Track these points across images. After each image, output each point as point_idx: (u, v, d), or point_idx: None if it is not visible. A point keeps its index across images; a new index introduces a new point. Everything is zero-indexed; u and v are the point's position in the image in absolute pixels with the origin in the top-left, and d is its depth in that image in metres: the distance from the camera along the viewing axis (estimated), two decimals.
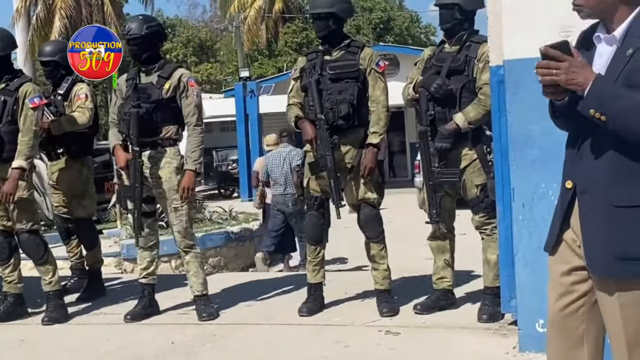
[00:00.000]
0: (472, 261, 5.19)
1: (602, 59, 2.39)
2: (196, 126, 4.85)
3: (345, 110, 4.62)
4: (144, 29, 4.87)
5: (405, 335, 4.29)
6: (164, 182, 4.86)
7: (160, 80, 4.87)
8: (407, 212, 9.60)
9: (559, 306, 2.48)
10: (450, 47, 4.59)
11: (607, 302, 2.36)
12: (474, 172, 4.48)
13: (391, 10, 37.99)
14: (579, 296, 2.45)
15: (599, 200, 2.33)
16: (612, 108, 2.23)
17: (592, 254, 2.36)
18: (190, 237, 4.94)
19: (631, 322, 2.33)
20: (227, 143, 21.24)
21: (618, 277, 2.32)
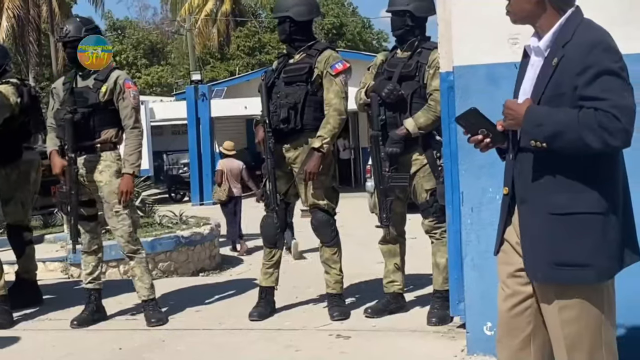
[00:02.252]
0: (422, 265, 5.23)
1: (532, 70, 2.44)
2: (133, 128, 4.80)
3: (285, 114, 4.62)
4: (82, 32, 4.82)
5: (355, 338, 4.30)
6: (103, 186, 4.79)
7: (97, 84, 4.81)
8: (358, 216, 9.68)
9: (506, 307, 2.53)
10: (402, 53, 4.63)
11: (547, 306, 2.42)
12: (424, 176, 4.52)
13: (344, 16, 38.16)
14: (525, 297, 2.50)
15: (535, 208, 2.39)
16: (547, 134, 2.29)
17: (530, 261, 2.41)
18: (134, 242, 4.87)
19: (569, 325, 2.38)
20: (178, 146, 21.07)
21: (556, 282, 2.37)
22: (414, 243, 4.91)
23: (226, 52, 35.15)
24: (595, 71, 2.27)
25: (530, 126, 2.33)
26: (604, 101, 2.25)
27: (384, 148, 4.48)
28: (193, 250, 8.84)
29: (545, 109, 2.33)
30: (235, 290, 5.75)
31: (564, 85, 2.32)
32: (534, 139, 2.32)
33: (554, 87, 2.33)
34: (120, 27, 38.35)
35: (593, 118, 2.24)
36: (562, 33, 2.37)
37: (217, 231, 9.57)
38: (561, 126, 2.27)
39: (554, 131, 2.28)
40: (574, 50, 2.31)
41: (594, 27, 2.38)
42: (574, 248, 2.33)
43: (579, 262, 2.33)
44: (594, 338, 2.40)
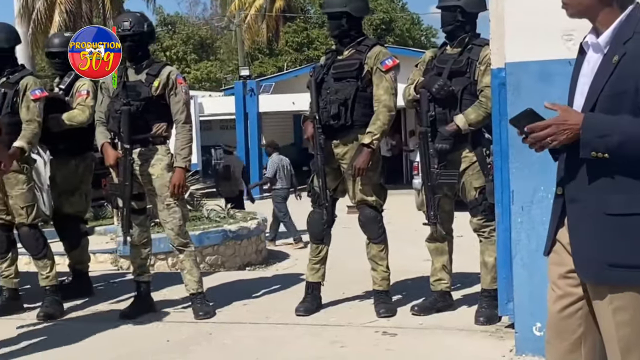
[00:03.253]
0: (469, 263, 5.18)
1: (589, 66, 2.37)
2: (185, 123, 4.85)
3: (335, 110, 4.61)
4: (146, 26, 4.87)
5: (402, 336, 4.28)
6: (155, 179, 4.84)
7: (149, 78, 4.85)
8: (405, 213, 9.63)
9: (556, 308, 2.48)
10: (452, 49, 4.58)
11: (600, 307, 2.36)
12: (473, 174, 4.47)
13: (393, 12, 37.99)
14: (576, 299, 2.45)
15: (589, 208, 2.33)
16: (610, 145, 2.23)
17: (582, 261, 2.36)
18: (183, 235, 4.92)
19: (624, 327, 2.33)
20: (226, 141, 21.21)
21: (610, 283, 2.32)
22: (460, 241, 4.86)
23: (275, 47, 35.31)
24: None
25: (591, 137, 2.25)
26: None
27: (433, 145, 4.44)
28: (240, 245, 8.92)
29: (605, 118, 2.26)
30: (281, 285, 5.77)
31: (625, 83, 2.25)
32: (595, 151, 2.26)
33: (613, 85, 2.27)
34: (170, 23, 38.77)
35: None
36: (623, 29, 2.30)
37: (264, 226, 9.64)
38: (626, 136, 2.22)
39: (618, 142, 2.22)
40: (638, 48, 2.25)
41: None
42: (629, 249, 2.28)
43: (634, 263, 2.28)
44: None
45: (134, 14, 5.09)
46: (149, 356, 4.21)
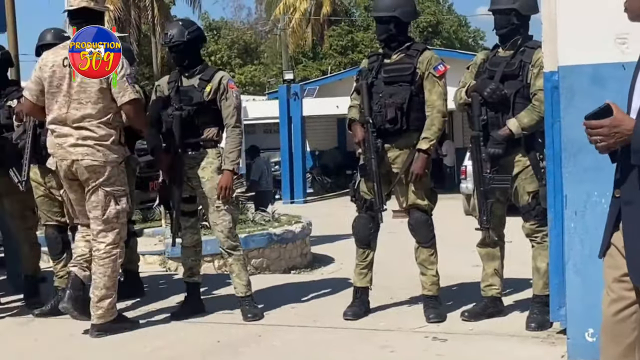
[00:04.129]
0: (519, 269, 5.13)
1: None
2: (235, 127, 4.90)
3: (392, 114, 4.61)
4: (185, 35, 4.91)
5: (452, 341, 4.25)
6: (206, 182, 4.90)
7: (202, 83, 4.92)
8: (453, 218, 9.57)
9: (611, 312, 2.47)
10: (504, 52, 4.55)
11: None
12: (526, 178, 4.43)
13: (440, 14, 37.79)
14: (630, 303, 2.44)
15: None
16: None
17: (635, 264, 2.34)
18: (233, 238, 4.96)
19: None
20: (270, 145, 21.37)
21: None
22: (510, 246, 4.81)
23: (319, 51, 35.40)
24: None
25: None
26: None
27: (485, 149, 4.41)
28: (285, 248, 8.96)
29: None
30: (328, 288, 5.78)
31: None
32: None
33: None
34: (215, 28, 39.14)
35: None
36: None
37: (309, 229, 9.66)
38: None
39: None
40: None
41: None
42: None
43: None
44: None
45: (176, 24, 5.14)
46: (199, 356, 4.26)
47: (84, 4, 4.68)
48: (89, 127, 4.57)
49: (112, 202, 4.64)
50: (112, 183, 4.63)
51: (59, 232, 5.24)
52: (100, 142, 4.57)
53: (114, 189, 4.65)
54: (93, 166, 4.56)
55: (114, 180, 4.64)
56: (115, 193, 4.65)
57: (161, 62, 21.81)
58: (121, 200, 4.67)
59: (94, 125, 4.57)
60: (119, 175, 4.68)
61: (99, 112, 4.58)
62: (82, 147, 4.56)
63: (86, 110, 4.56)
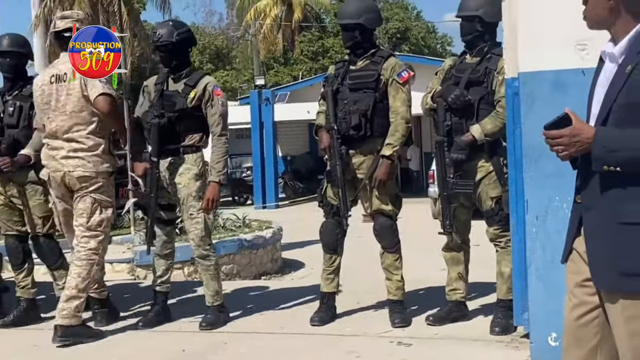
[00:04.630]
0: (485, 273, 5.17)
1: (606, 75, 2.39)
2: (221, 136, 4.84)
3: (356, 121, 4.63)
4: (174, 35, 4.87)
5: (417, 346, 4.27)
6: (182, 188, 4.84)
7: (186, 89, 4.86)
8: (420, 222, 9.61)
9: (573, 317, 2.48)
10: (471, 58, 4.59)
11: (614, 316, 2.37)
12: (489, 184, 4.47)
13: (408, 20, 38.01)
14: (592, 308, 2.45)
15: (603, 216, 2.34)
16: (621, 160, 2.25)
17: (597, 269, 2.37)
18: (205, 247, 4.91)
19: (636, 336, 2.33)
20: (241, 150, 21.33)
21: (623, 292, 2.32)
22: (477, 250, 4.85)
23: (290, 56, 35.41)
24: None
25: (601, 152, 2.26)
26: None
27: (449, 154, 4.44)
28: (255, 254, 8.93)
29: (615, 133, 2.28)
30: (297, 294, 5.78)
31: (637, 94, 2.26)
32: (607, 165, 2.27)
33: (626, 95, 2.28)
34: None
35: None
36: (638, 40, 2.32)
37: (280, 234, 9.64)
38: (636, 152, 2.24)
39: (629, 157, 2.24)
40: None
41: None
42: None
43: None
44: None
45: (167, 24, 5.07)
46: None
47: (69, 25, 4.80)
48: (77, 138, 4.69)
49: (97, 210, 4.72)
50: (102, 192, 4.73)
51: (20, 242, 5.18)
52: (90, 153, 4.69)
53: (102, 198, 4.73)
54: (84, 177, 4.67)
55: (103, 190, 4.74)
56: (102, 202, 4.73)
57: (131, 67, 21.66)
58: (107, 210, 4.76)
59: (82, 136, 4.69)
60: (108, 186, 4.79)
61: (85, 120, 4.69)
62: (74, 159, 4.69)
63: (72, 120, 4.69)
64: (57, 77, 4.75)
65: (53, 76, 4.77)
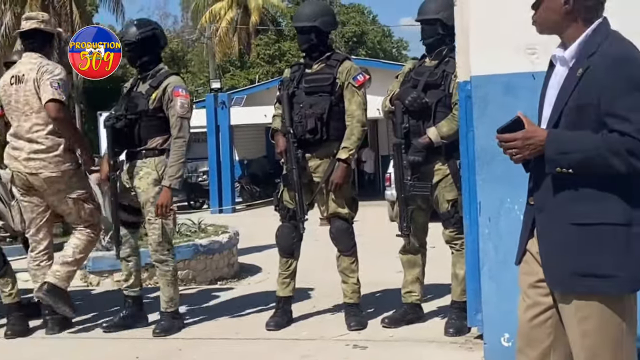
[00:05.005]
0: (440, 275, 5.20)
1: (557, 79, 2.43)
2: (177, 138, 4.72)
3: (312, 124, 4.62)
4: (137, 35, 4.82)
5: (372, 349, 4.28)
6: (141, 193, 4.78)
7: (150, 90, 4.80)
8: (377, 225, 9.65)
9: (527, 318, 2.51)
10: (430, 61, 4.62)
11: (567, 316, 2.40)
12: (445, 187, 4.49)
13: (364, 24, 38.19)
14: (545, 308, 2.48)
15: (555, 217, 2.37)
16: (573, 162, 2.29)
17: (550, 270, 2.40)
18: (162, 252, 4.83)
19: (589, 337, 2.36)
20: (197, 154, 21.14)
21: (575, 292, 2.35)
22: (433, 252, 4.88)
23: (246, 60, 35.29)
24: (623, 87, 2.27)
25: (554, 154, 2.30)
26: (630, 124, 2.25)
27: (407, 156, 4.46)
28: (211, 259, 8.83)
29: (567, 135, 2.32)
30: (252, 299, 5.75)
31: (588, 97, 2.30)
32: (560, 167, 2.30)
33: (577, 98, 2.32)
34: None
35: (620, 144, 2.25)
36: (588, 44, 2.36)
37: (236, 239, 9.57)
38: (588, 153, 2.28)
39: (581, 158, 2.28)
40: (601, 63, 2.30)
41: (622, 40, 2.37)
42: (595, 259, 2.31)
43: (600, 272, 2.32)
44: (615, 351, 2.37)
45: (131, 23, 5.03)
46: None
47: (34, 26, 4.92)
48: (37, 139, 4.77)
49: (82, 205, 4.92)
50: (75, 189, 4.87)
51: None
52: (51, 154, 4.77)
53: (79, 194, 4.89)
54: (51, 177, 4.76)
55: (76, 186, 4.87)
56: (81, 197, 4.89)
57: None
58: (89, 201, 4.94)
59: (42, 136, 4.76)
60: (78, 180, 4.88)
61: (44, 121, 4.76)
62: (35, 160, 4.76)
63: (32, 121, 4.77)
64: (17, 79, 4.81)
65: (13, 77, 4.84)
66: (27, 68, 4.76)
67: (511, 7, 3.58)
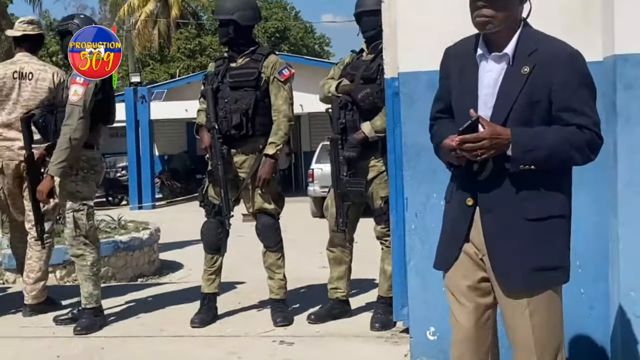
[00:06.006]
0: (364, 269, 5.24)
1: (492, 76, 2.43)
2: (64, 126, 4.59)
3: (237, 120, 4.58)
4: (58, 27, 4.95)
5: (299, 344, 4.27)
6: (58, 185, 4.70)
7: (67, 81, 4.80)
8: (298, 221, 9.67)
9: (471, 323, 2.49)
10: (367, 55, 4.61)
11: (516, 311, 2.41)
12: (380, 183, 4.51)
13: (287, 20, 38.16)
14: (485, 309, 2.50)
15: (509, 216, 2.38)
16: (537, 159, 2.32)
17: (505, 269, 2.39)
18: (77, 246, 4.72)
19: (540, 329, 2.40)
20: (115, 149, 20.72)
21: (537, 288, 2.38)
22: (356, 247, 4.90)
23: (166, 54, 34.75)
24: (577, 82, 2.35)
25: (520, 152, 2.32)
26: (587, 118, 2.34)
27: (342, 152, 4.45)
28: (132, 255, 8.68)
29: (529, 132, 2.34)
30: (176, 296, 5.66)
31: (539, 93, 2.34)
32: (523, 164, 2.33)
33: (529, 94, 2.35)
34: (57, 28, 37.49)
35: (582, 138, 2.33)
36: (524, 42, 2.39)
37: (157, 236, 9.43)
38: (552, 150, 2.32)
39: (545, 155, 2.32)
40: (552, 59, 2.35)
41: (553, 37, 2.43)
42: (549, 251, 2.38)
43: (553, 264, 2.39)
44: (559, 339, 2.45)
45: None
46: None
47: (20, 32, 5.25)
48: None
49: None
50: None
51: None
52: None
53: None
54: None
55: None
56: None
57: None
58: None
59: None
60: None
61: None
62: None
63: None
64: (21, 75, 5.10)
65: (16, 72, 5.10)
66: (34, 68, 5.12)
67: (437, 4, 3.63)
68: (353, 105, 4.48)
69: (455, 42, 2.66)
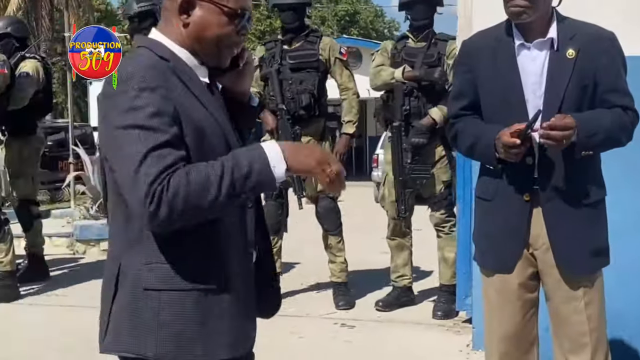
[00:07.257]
0: (426, 256, 5.19)
1: (537, 63, 2.37)
2: None
3: (307, 101, 4.60)
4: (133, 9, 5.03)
5: (360, 328, 4.30)
6: None
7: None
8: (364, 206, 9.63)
9: (518, 319, 2.48)
10: (416, 43, 4.58)
11: (567, 295, 2.40)
12: (441, 168, 4.48)
13: (357, 3, 38.00)
14: (533, 304, 2.50)
15: (569, 203, 2.36)
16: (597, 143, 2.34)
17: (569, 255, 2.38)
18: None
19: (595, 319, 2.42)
20: None
21: (594, 270, 2.42)
22: (419, 235, 4.87)
23: None
24: (620, 63, 2.39)
25: (584, 138, 2.29)
26: (631, 99, 2.39)
27: (408, 139, 4.44)
28: None
29: (586, 117, 2.31)
30: None
31: (586, 76, 2.34)
32: (585, 150, 2.32)
33: (577, 79, 2.33)
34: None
35: (627, 120, 2.38)
36: (563, 27, 2.37)
37: None
38: (608, 133, 2.34)
39: (602, 139, 2.34)
40: (594, 43, 2.35)
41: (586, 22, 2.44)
42: (600, 233, 2.43)
43: (605, 246, 2.44)
44: (604, 315, 2.45)
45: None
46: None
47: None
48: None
49: None
50: None
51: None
52: None
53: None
54: None
55: None
56: None
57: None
58: None
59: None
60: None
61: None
62: None
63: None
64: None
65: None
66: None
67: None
68: (419, 91, 4.45)
69: (472, 36, 2.63)
